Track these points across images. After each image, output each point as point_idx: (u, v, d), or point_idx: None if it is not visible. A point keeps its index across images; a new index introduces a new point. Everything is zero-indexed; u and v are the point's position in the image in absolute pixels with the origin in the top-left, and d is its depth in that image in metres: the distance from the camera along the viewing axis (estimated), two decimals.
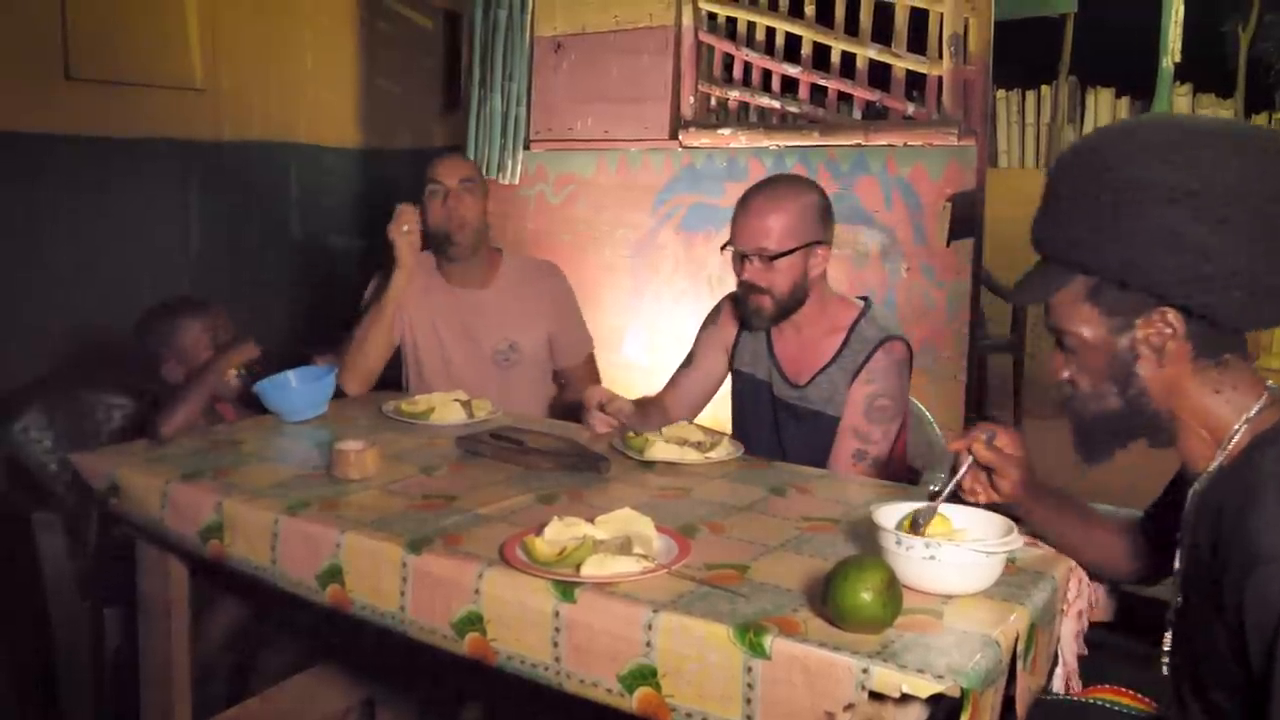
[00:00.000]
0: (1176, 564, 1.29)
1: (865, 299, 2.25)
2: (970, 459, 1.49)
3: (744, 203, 2.17)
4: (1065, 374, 1.34)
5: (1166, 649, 1.30)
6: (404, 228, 2.49)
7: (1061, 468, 1.56)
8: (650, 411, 2.23)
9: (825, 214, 2.16)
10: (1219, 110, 5.63)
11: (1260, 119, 5.65)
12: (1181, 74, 5.49)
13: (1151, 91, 5.50)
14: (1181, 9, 5.32)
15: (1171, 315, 1.21)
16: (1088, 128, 5.98)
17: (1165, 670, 1.30)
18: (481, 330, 2.67)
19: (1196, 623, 1.23)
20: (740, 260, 2.15)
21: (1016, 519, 1.49)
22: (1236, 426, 1.23)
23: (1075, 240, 1.26)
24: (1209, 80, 5.66)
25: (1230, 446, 1.23)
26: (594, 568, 1.40)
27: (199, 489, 1.84)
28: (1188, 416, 1.27)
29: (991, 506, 1.50)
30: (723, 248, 2.19)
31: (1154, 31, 5.41)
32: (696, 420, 2.46)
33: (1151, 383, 1.26)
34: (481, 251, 2.67)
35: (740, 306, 2.24)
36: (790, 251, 2.10)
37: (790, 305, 2.16)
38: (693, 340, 2.44)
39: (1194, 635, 1.24)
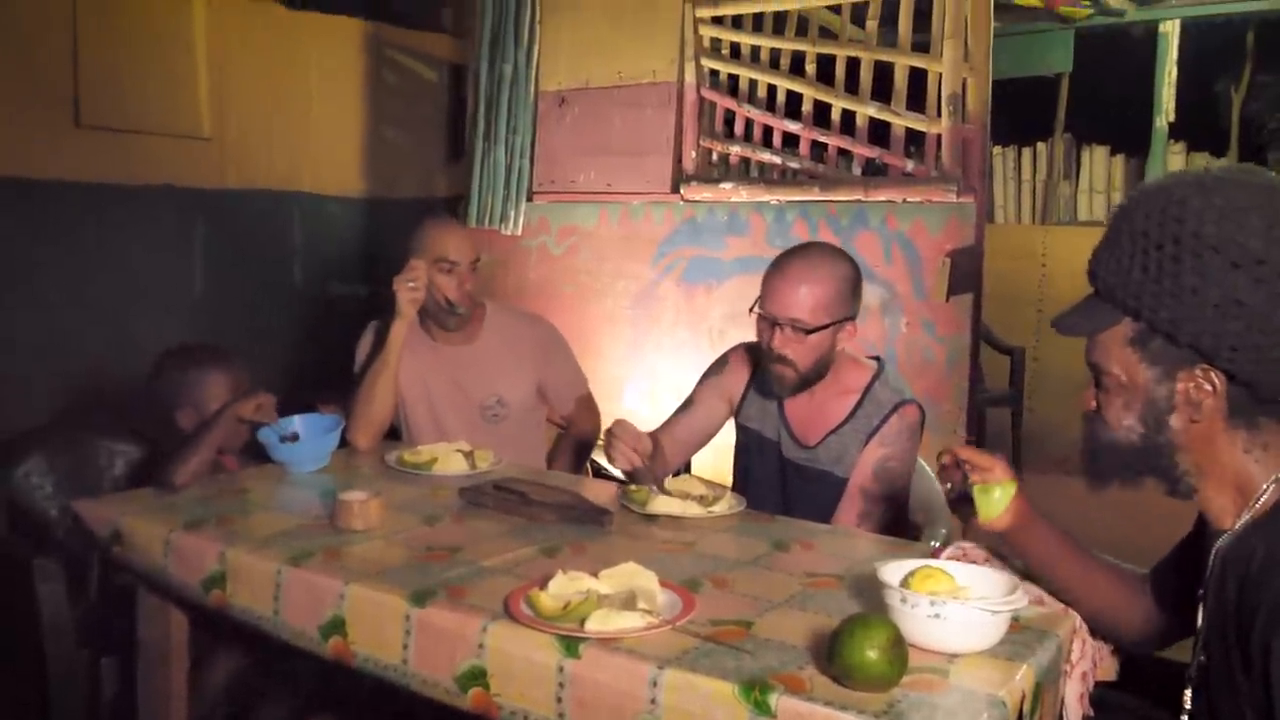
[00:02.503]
0: (1199, 621, 1.28)
1: (878, 359, 2.26)
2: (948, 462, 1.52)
3: (779, 268, 2.12)
4: (1093, 405, 1.34)
5: (1188, 708, 1.29)
6: (410, 283, 2.50)
7: (1058, 520, 1.57)
8: (656, 451, 2.24)
9: (858, 289, 2.15)
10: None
11: None
12: (1175, 132, 5.57)
13: (1146, 149, 5.58)
14: (1175, 70, 5.42)
15: (1214, 375, 1.21)
16: (1083, 184, 6.04)
17: None
18: (468, 385, 2.68)
19: (1219, 682, 1.22)
20: (770, 326, 2.11)
21: (1015, 564, 1.48)
22: (1265, 486, 1.22)
23: (1130, 284, 1.25)
24: (1202, 139, 5.72)
25: (1258, 506, 1.23)
26: (599, 623, 1.40)
27: (203, 538, 1.84)
28: (1215, 472, 1.26)
29: (995, 554, 1.50)
30: (751, 309, 2.15)
31: (1148, 91, 5.50)
32: (695, 467, 2.47)
33: (1181, 435, 1.26)
34: None
35: (758, 368, 2.22)
36: (824, 327, 2.08)
37: (813, 379, 2.14)
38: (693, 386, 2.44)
39: (1216, 695, 1.23)
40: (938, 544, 2.11)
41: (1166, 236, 1.20)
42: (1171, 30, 5.41)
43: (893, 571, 1.44)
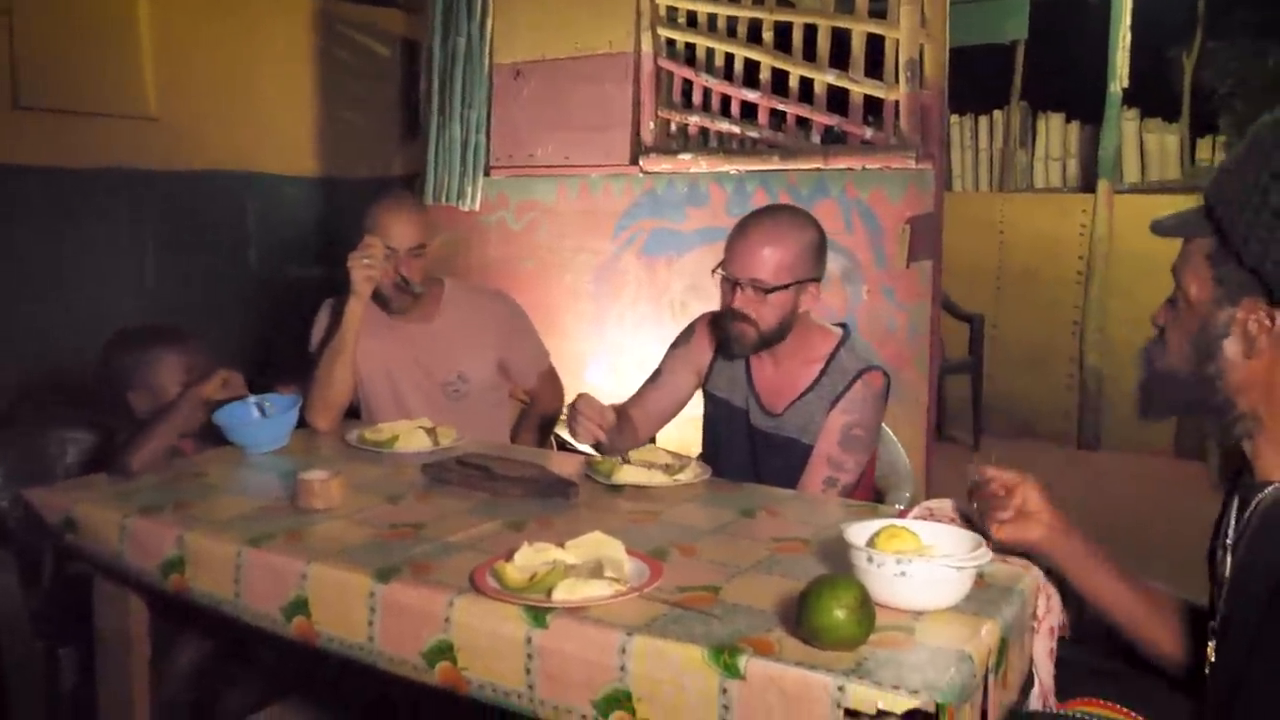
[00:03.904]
0: (1226, 572, 1.26)
1: (844, 326, 2.26)
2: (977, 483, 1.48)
3: (743, 229, 2.13)
4: (1160, 320, 1.30)
5: (1212, 660, 1.27)
6: (365, 260, 2.46)
7: None
8: (622, 425, 2.23)
9: (821, 251, 2.15)
10: (1165, 135, 5.76)
11: (1205, 143, 5.78)
12: (1129, 99, 5.63)
13: (1100, 116, 5.63)
14: (1128, 36, 5.46)
15: (1276, 312, 1.16)
16: (1039, 152, 6.09)
17: (1209, 681, 1.27)
18: (429, 363, 2.65)
19: (1237, 635, 1.20)
20: (732, 287, 2.12)
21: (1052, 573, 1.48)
22: None
23: (1225, 197, 1.20)
24: (1155, 105, 5.78)
25: None
26: (566, 592, 1.39)
27: (160, 523, 1.80)
28: (1270, 419, 1.22)
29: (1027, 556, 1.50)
30: (714, 270, 2.15)
31: (1102, 58, 5.55)
32: (660, 439, 2.46)
33: (1233, 369, 1.21)
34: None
35: (721, 331, 2.22)
36: (785, 286, 2.08)
37: (773, 339, 2.14)
38: (660, 359, 2.43)
39: (1233, 647, 1.21)
40: (902, 506, 2.12)
41: (1276, 153, 1.14)
42: None
43: (859, 532, 1.44)
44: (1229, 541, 1.27)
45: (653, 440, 2.97)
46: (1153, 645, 1.44)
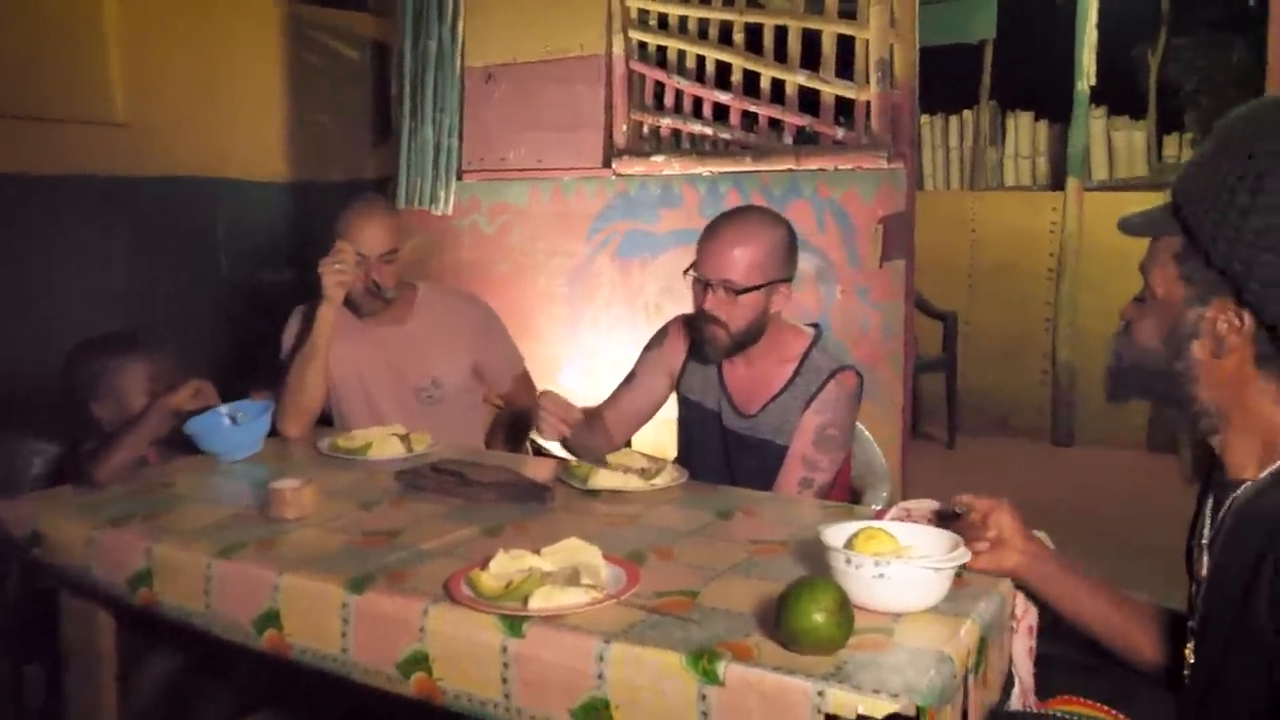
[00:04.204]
0: (1202, 571, 1.25)
1: (816, 326, 2.25)
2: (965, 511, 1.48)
3: (713, 230, 2.12)
4: (1128, 315, 1.28)
5: (1191, 662, 1.26)
6: (336, 266, 2.44)
7: (994, 483, 1.56)
8: (593, 425, 2.21)
9: (792, 251, 2.14)
10: (1132, 132, 5.80)
11: (1171, 140, 5.83)
12: (1096, 97, 5.67)
13: (1069, 114, 5.67)
14: (1094, 35, 5.50)
15: (1245, 313, 1.14)
16: (1009, 150, 6.13)
17: (1187, 681, 1.27)
18: (402, 367, 2.62)
19: (1215, 635, 1.20)
20: (703, 288, 2.10)
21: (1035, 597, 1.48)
22: None
23: (1191, 196, 1.18)
24: (1123, 102, 5.83)
25: None
26: (542, 600, 1.37)
27: (128, 534, 1.78)
28: (1240, 419, 1.20)
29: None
30: (685, 271, 2.14)
31: (1069, 57, 5.58)
32: (635, 443, 2.45)
33: (1203, 367, 1.20)
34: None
35: (693, 333, 2.21)
36: (756, 288, 2.07)
37: (746, 340, 2.13)
38: (634, 361, 2.42)
39: (1210, 648, 1.21)
40: (879, 507, 2.12)
41: (1243, 150, 1.12)
42: None
43: (836, 534, 1.43)
44: (1205, 541, 1.26)
45: (629, 443, 2.96)
46: (1133, 654, 1.44)
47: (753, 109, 3.60)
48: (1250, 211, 1.11)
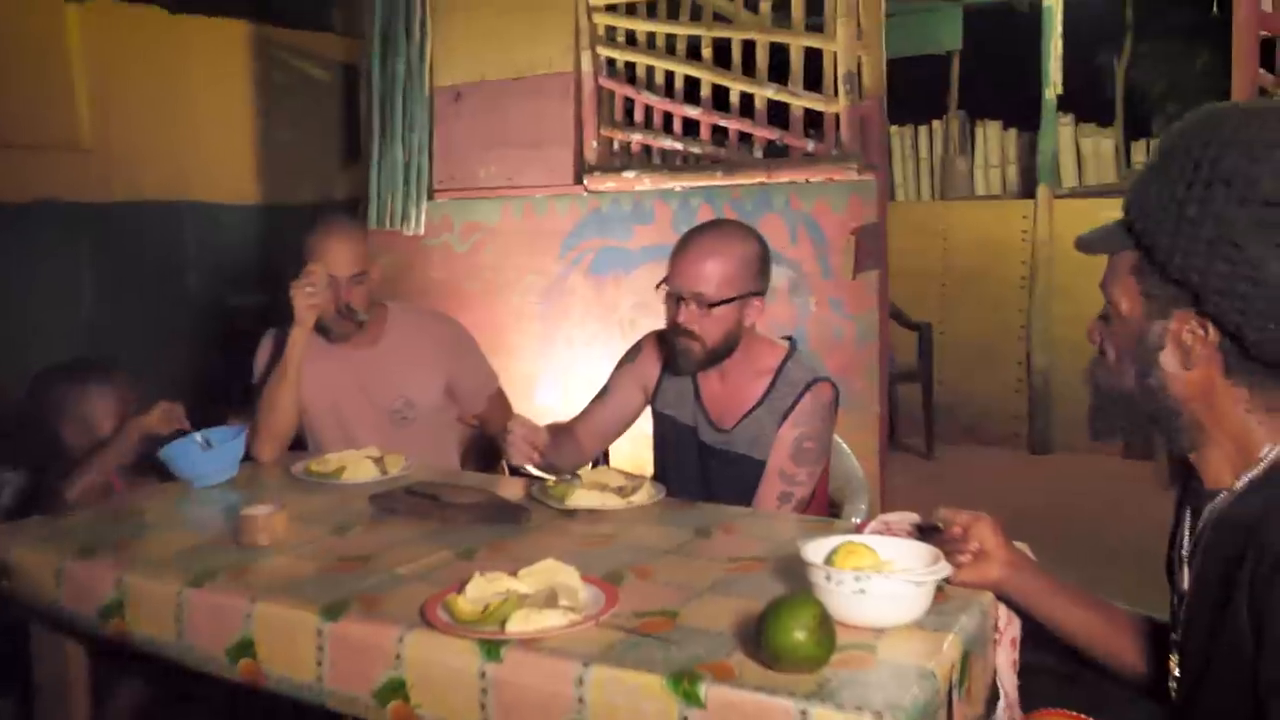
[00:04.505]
0: (1184, 583, 1.25)
1: (791, 339, 2.25)
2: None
3: (685, 244, 2.13)
4: (1095, 336, 1.28)
5: (1175, 674, 1.26)
6: (308, 289, 2.41)
7: (973, 493, 1.55)
8: (563, 440, 2.20)
9: (764, 264, 2.14)
10: (1100, 139, 5.86)
11: (1139, 146, 5.89)
12: (1064, 105, 5.72)
13: (1037, 123, 5.72)
14: (1060, 43, 5.56)
15: (1209, 322, 1.14)
16: (978, 160, 6.17)
17: (1173, 695, 1.26)
18: (374, 389, 2.60)
19: (1197, 646, 1.19)
20: (676, 302, 2.11)
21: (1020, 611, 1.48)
22: (1268, 449, 1.16)
23: (1143, 208, 1.17)
24: (1090, 110, 5.89)
25: (1259, 469, 1.16)
26: (520, 624, 1.36)
27: (97, 565, 1.74)
28: (1214, 430, 1.20)
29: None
30: (658, 285, 2.15)
31: (1035, 66, 5.64)
32: (612, 459, 2.44)
33: (1173, 380, 1.19)
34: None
35: (667, 347, 2.20)
36: (728, 301, 2.07)
37: (720, 354, 2.13)
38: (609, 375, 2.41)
39: (1193, 658, 1.21)
40: (859, 520, 2.11)
41: (1189, 161, 1.12)
42: (1056, 4, 5.55)
43: (816, 549, 1.42)
44: (1184, 553, 1.26)
45: (606, 456, 2.95)
46: (1117, 664, 1.43)
47: (723, 123, 3.61)
48: (1200, 222, 1.11)
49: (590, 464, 2.43)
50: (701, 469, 2.22)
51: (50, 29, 4.11)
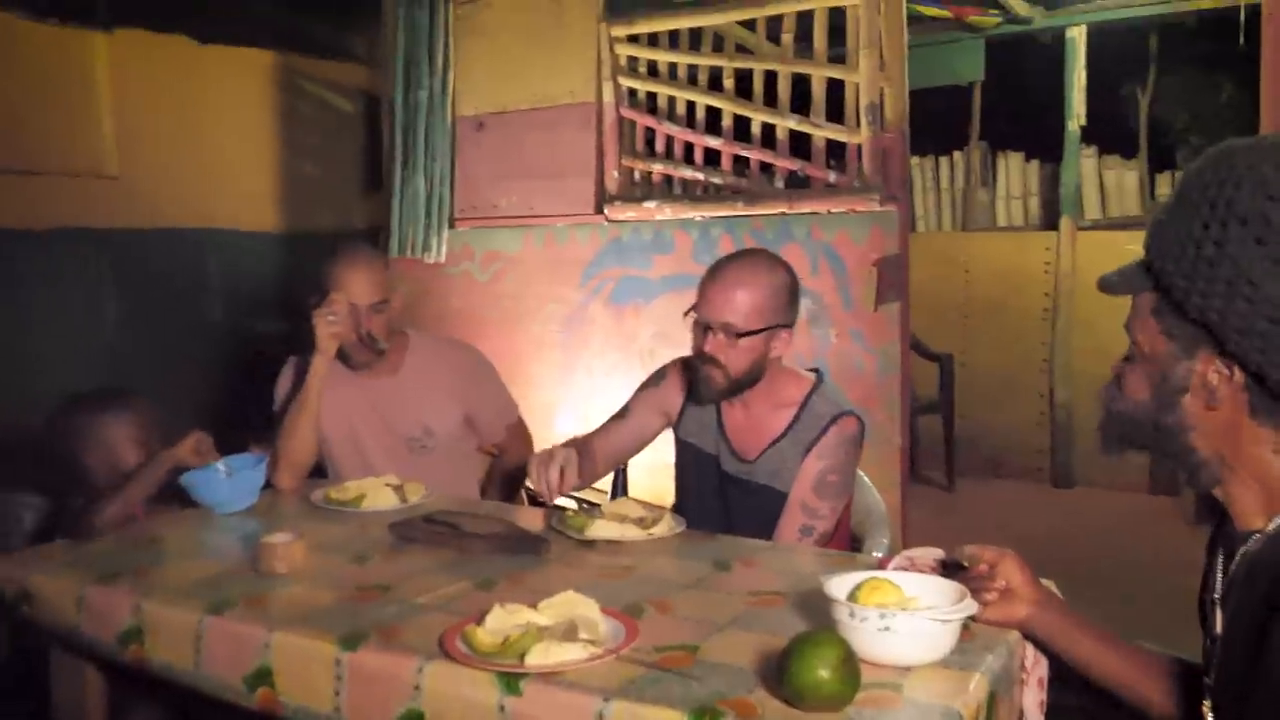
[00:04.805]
0: (1217, 627, 1.23)
1: (817, 371, 2.24)
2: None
3: (715, 272, 2.12)
4: (1116, 367, 1.27)
5: (1209, 718, 1.24)
6: (330, 317, 2.42)
7: (994, 526, 1.53)
8: (582, 458, 2.18)
9: (794, 297, 2.13)
10: (1124, 171, 5.83)
11: (1164, 178, 5.86)
12: (1087, 136, 5.70)
13: (1059, 154, 5.70)
14: (1084, 75, 5.55)
15: (1232, 363, 1.13)
16: (1000, 191, 6.14)
17: None
18: (394, 417, 2.60)
19: (1232, 689, 1.17)
20: (703, 330, 2.10)
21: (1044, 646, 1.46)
22: None
23: (1161, 249, 1.17)
24: (1113, 142, 5.85)
25: None
26: (539, 657, 1.34)
27: (117, 591, 1.74)
28: (1240, 469, 1.18)
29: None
30: (686, 313, 2.14)
31: (1058, 96, 5.63)
32: (632, 489, 2.42)
33: (1197, 420, 1.18)
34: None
35: (692, 374, 2.19)
36: (756, 332, 2.06)
37: (743, 384, 2.12)
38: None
39: (1230, 700, 1.19)
40: (881, 554, 2.09)
41: (1205, 200, 1.12)
42: (1079, 36, 5.54)
43: (839, 585, 1.40)
44: (1216, 595, 1.24)
45: (624, 490, 2.93)
46: (1146, 706, 1.40)
47: (744, 153, 3.61)
48: (1217, 262, 1.10)
49: (610, 495, 2.42)
50: (722, 498, 2.21)
51: (78, 58, 4.17)
